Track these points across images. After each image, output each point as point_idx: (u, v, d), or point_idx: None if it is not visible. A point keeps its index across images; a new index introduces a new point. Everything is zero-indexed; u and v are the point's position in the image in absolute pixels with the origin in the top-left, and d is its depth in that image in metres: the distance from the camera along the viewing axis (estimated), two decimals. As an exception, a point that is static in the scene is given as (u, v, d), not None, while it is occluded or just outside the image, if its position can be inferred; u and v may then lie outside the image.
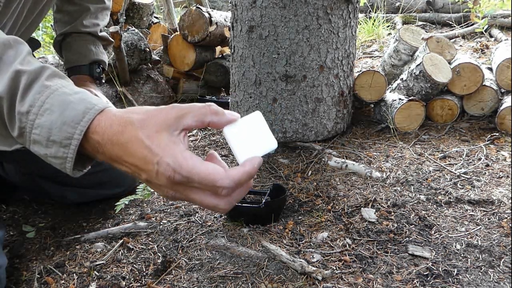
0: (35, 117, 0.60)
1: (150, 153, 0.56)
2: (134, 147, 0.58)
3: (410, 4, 4.22)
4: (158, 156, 0.56)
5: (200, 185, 0.57)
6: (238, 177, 0.58)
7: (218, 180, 0.56)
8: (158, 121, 0.58)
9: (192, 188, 0.58)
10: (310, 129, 1.88)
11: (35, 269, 1.13)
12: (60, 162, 0.62)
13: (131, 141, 0.58)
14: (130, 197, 1.29)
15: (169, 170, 0.56)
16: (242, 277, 1.06)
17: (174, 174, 0.56)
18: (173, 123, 0.58)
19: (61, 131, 0.59)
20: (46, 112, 0.60)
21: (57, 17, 1.48)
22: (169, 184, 0.57)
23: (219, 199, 0.60)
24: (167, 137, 0.57)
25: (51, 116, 0.60)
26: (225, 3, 5.87)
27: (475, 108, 2.08)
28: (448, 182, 1.52)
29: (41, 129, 0.60)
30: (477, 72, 2.00)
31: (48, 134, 0.60)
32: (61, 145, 0.60)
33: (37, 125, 0.60)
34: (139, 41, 2.45)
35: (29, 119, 0.60)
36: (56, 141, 0.60)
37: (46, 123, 0.60)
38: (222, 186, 0.57)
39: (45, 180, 1.42)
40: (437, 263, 1.09)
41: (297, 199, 1.43)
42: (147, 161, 0.57)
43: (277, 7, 1.73)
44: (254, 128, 0.62)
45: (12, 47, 0.65)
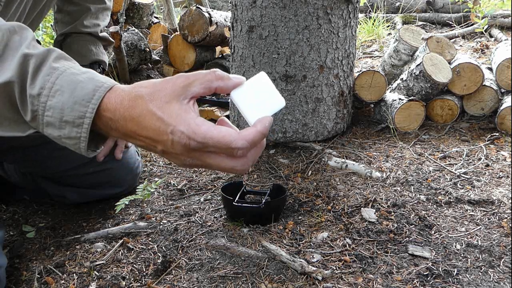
0: (47, 99, 0.60)
1: (163, 124, 0.58)
2: (147, 120, 0.58)
3: (410, 4, 4.22)
4: (171, 125, 0.57)
5: (215, 148, 0.58)
6: (252, 137, 0.59)
7: (232, 142, 0.57)
8: (167, 92, 0.59)
9: (208, 153, 0.59)
10: (310, 129, 1.88)
11: (35, 269, 1.13)
12: (74, 142, 0.62)
13: (143, 114, 0.59)
14: (130, 197, 1.30)
15: (184, 137, 0.57)
16: (242, 277, 1.06)
17: (189, 141, 0.57)
18: (182, 92, 0.59)
19: (73, 110, 0.60)
20: (57, 93, 0.60)
21: (58, 17, 1.48)
22: (186, 152, 0.59)
23: (236, 161, 0.61)
24: (177, 106, 0.58)
25: (62, 96, 0.60)
26: (225, 3, 5.87)
27: (475, 108, 2.08)
28: (448, 182, 1.52)
29: (53, 110, 0.60)
30: (477, 72, 2.00)
31: (60, 115, 0.61)
32: (74, 124, 0.60)
33: (49, 107, 0.61)
34: (139, 41, 2.45)
35: (41, 101, 0.61)
36: (68, 121, 0.60)
37: (58, 104, 0.60)
38: (237, 147, 0.58)
39: (45, 180, 1.42)
40: (437, 263, 1.09)
41: (297, 199, 1.43)
42: (161, 132, 0.58)
43: (277, 7, 1.73)
44: (261, 89, 0.62)
45: (17, 32, 0.65)
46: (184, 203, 1.45)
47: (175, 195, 1.51)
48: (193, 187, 1.56)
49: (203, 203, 1.45)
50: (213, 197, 1.48)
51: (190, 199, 1.49)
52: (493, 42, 3.21)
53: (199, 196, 1.50)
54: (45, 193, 1.47)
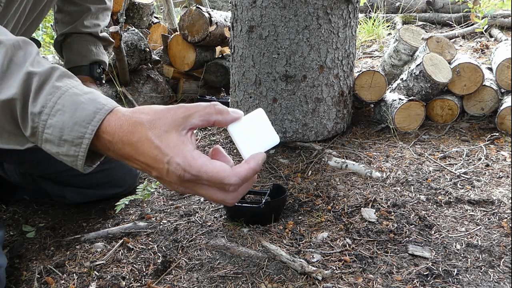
0: (47, 117, 0.62)
1: (161, 153, 0.59)
2: (145, 146, 0.60)
3: (410, 4, 4.22)
4: (168, 156, 0.59)
5: (208, 182, 0.61)
6: (244, 174, 0.61)
7: (225, 178, 0.60)
8: (167, 121, 0.60)
9: (201, 185, 0.62)
10: (310, 129, 1.88)
11: (35, 269, 1.13)
12: (72, 160, 0.64)
13: (142, 141, 0.60)
14: (130, 197, 1.29)
15: (179, 169, 0.59)
16: (242, 277, 1.06)
17: (184, 173, 0.59)
18: (181, 123, 0.61)
19: (72, 130, 0.62)
20: (58, 113, 0.62)
21: (58, 17, 1.48)
22: (179, 182, 0.61)
23: (226, 194, 0.63)
24: (176, 137, 0.60)
25: (63, 116, 0.62)
26: (225, 3, 5.87)
27: (475, 108, 2.08)
28: (448, 182, 1.52)
29: (53, 129, 0.62)
30: (477, 72, 2.00)
31: (60, 134, 0.62)
32: (73, 144, 0.62)
33: (49, 125, 0.62)
34: (139, 41, 2.45)
35: (41, 119, 0.62)
36: (68, 140, 0.62)
37: (58, 123, 0.62)
38: (230, 183, 0.60)
39: (45, 180, 1.42)
40: (437, 263, 1.09)
41: (297, 199, 1.43)
42: (158, 160, 0.60)
43: (277, 7, 1.73)
44: (257, 125, 0.65)
45: (22, 48, 0.66)
46: (184, 203, 1.45)
47: (175, 195, 1.51)
48: (193, 187, 1.56)
49: (203, 203, 1.45)
50: (213, 197, 1.48)
51: (190, 199, 1.49)
52: (493, 42, 3.21)
53: (199, 196, 1.50)
54: (45, 193, 1.47)
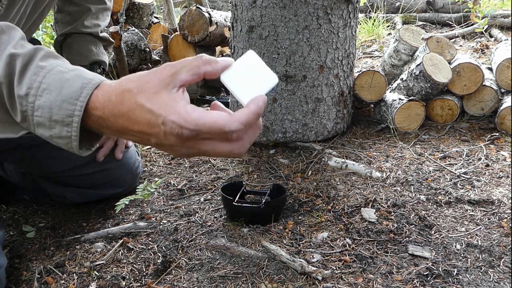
0: (34, 98, 0.60)
1: (153, 116, 0.56)
2: (137, 113, 0.57)
3: (410, 4, 4.22)
4: (161, 116, 0.56)
5: (209, 135, 0.57)
6: (245, 118, 0.57)
7: (225, 125, 0.56)
8: (155, 83, 0.57)
9: (202, 140, 0.58)
10: (310, 129, 1.88)
11: (35, 269, 1.13)
12: (66, 142, 0.61)
13: (132, 108, 0.57)
14: (130, 197, 1.30)
15: (176, 127, 0.56)
16: (242, 277, 1.06)
17: (182, 130, 0.56)
18: (170, 81, 0.58)
19: (61, 109, 0.59)
20: (45, 92, 0.59)
21: (58, 18, 1.48)
22: (179, 142, 0.57)
23: (232, 144, 0.58)
24: (166, 96, 0.57)
25: (50, 95, 0.59)
26: (225, 3, 5.87)
27: (475, 108, 2.08)
28: (448, 182, 1.52)
29: (42, 110, 0.60)
30: (477, 72, 2.00)
31: (49, 114, 0.60)
32: (64, 123, 0.60)
33: (37, 107, 0.60)
34: (139, 41, 2.45)
35: (29, 102, 0.60)
36: (58, 120, 0.60)
37: (46, 103, 0.59)
38: (231, 130, 0.56)
39: (45, 180, 1.42)
40: (437, 263, 1.09)
41: (297, 199, 1.43)
42: (152, 124, 0.57)
43: (277, 7, 1.73)
44: (251, 68, 0.61)
45: (5, 32, 0.64)
46: (184, 203, 1.45)
47: (175, 195, 1.51)
48: (193, 187, 1.56)
49: (203, 203, 1.45)
50: (213, 197, 1.48)
51: (190, 199, 1.49)
52: (493, 42, 3.21)
53: (199, 196, 1.50)
54: (45, 193, 1.47)
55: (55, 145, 0.64)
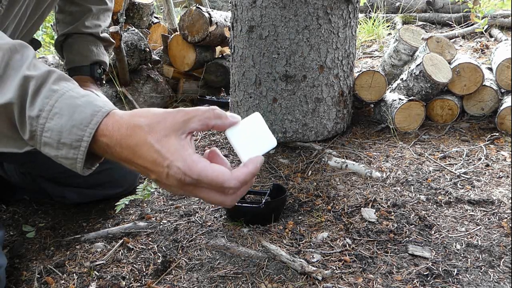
0: (45, 121, 0.63)
1: (160, 157, 0.60)
2: (143, 150, 0.61)
3: (410, 4, 4.22)
4: (168, 160, 0.60)
5: (208, 186, 0.61)
6: (243, 178, 0.62)
7: (225, 182, 0.61)
8: (166, 125, 0.61)
9: (200, 188, 0.62)
10: (310, 129, 1.88)
11: (35, 269, 1.13)
12: (71, 162, 0.65)
13: (140, 144, 0.61)
14: (130, 197, 1.29)
15: (180, 173, 0.59)
16: (242, 277, 1.06)
17: (185, 177, 0.60)
18: (180, 127, 0.61)
19: (70, 133, 0.62)
20: (56, 116, 0.62)
21: (59, 18, 1.48)
22: (179, 185, 0.61)
23: (225, 197, 0.63)
24: (176, 141, 0.61)
25: (61, 119, 0.62)
26: (225, 3, 5.87)
27: (475, 108, 2.08)
28: (448, 182, 1.52)
29: (51, 132, 0.63)
30: (477, 72, 2.00)
31: (58, 137, 0.63)
32: (71, 147, 0.63)
33: (47, 129, 0.63)
34: (139, 41, 2.45)
35: (39, 123, 0.63)
36: (66, 143, 0.63)
37: (56, 127, 0.62)
38: (229, 187, 0.61)
39: (45, 180, 1.42)
40: (437, 263, 1.09)
41: (297, 199, 1.43)
42: (157, 164, 0.60)
43: (277, 7, 1.73)
44: (254, 129, 0.66)
45: (18, 51, 0.66)
46: (184, 203, 1.45)
47: (175, 195, 1.51)
48: (193, 187, 1.56)
49: (203, 203, 1.45)
50: (213, 197, 1.48)
51: (190, 199, 1.49)
52: (493, 42, 3.21)
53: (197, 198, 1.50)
54: (45, 193, 1.47)
55: None
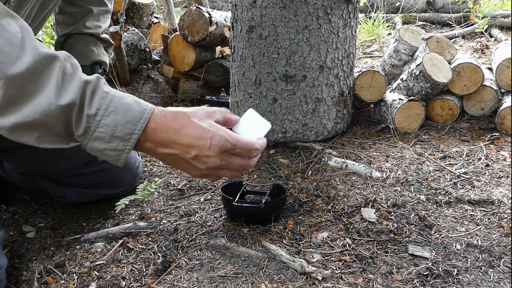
0: (101, 118, 0.75)
1: (204, 131, 0.78)
2: (188, 128, 0.78)
3: (410, 4, 4.22)
4: (211, 132, 0.78)
5: (241, 150, 0.81)
6: (262, 142, 0.86)
7: (254, 144, 0.83)
8: (201, 113, 0.81)
9: (233, 155, 0.81)
10: (310, 129, 1.88)
11: (35, 269, 1.13)
12: (117, 154, 0.78)
13: (185, 124, 0.78)
14: (130, 197, 1.29)
15: (222, 140, 0.78)
16: (242, 277, 1.06)
17: (226, 143, 0.78)
18: (210, 115, 0.82)
19: (125, 128, 0.76)
20: (112, 114, 0.75)
21: (59, 19, 1.48)
22: (219, 153, 0.78)
23: (249, 160, 0.84)
24: (211, 122, 0.80)
25: (116, 116, 0.76)
26: (225, 3, 5.87)
27: (475, 108, 2.08)
28: (448, 182, 1.52)
29: (107, 127, 0.76)
30: (477, 72, 2.00)
31: (112, 131, 0.76)
32: (123, 139, 0.76)
33: (102, 124, 0.75)
34: (139, 41, 2.45)
35: (96, 120, 0.75)
36: (119, 136, 0.76)
37: (112, 122, 0.75)
38: (256, 148, 0.83)
39: (45, 180, 1.42)
40: (437, 263, 1.09)
41: (297, 199, 1.43)
42: (202, 137, 0.78)
43: (277, 7, 1.73)
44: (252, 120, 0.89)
45: (68, 60, 0.78)
46: (184, 203, 1.45)
47: (175, 195, 1.51)
48: (193, 187, 1.56)
49: (203, 203, 1.45)
50: (213, 197, 1.48)
51: (190, 199, 1.49)
52: (493, 42, 3.21)
53: (199, 196, 1.50)
54: (45, 193, 1.47)
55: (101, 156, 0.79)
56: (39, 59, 0.74)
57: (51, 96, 0.73)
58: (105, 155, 0.78)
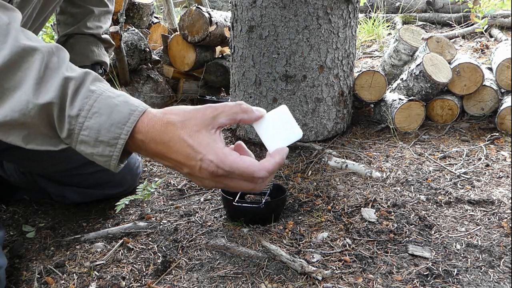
0: (84, 120, 0.66)
1: (193, 151, 0.64)
2: (177, 145, 0.65)
3: (410, 4, 4.22)
4: (201, 154, 0.64)
5: (239, 176, 0.66)
6: (271, 168, 0.67)
7: (255, 172, 0.66)
8: (197, 122, 0.65)
9: (232, 178, 0.67)
10: (310, 129, 1.88)
11: (35, 269, 1.13)
12: (105, 159, 0.68)
13: (174, 140, 0.65)
14: (130, 197, 1.29)
15: (212, 166, 0.64)
16: (242, 277, 1.06)
17: (217, 169, 0.64)
18: (210, 122, 0.65)
19: (109, 132, 0.66)
20: (95, 115, 0.66)
21: (60, 19, 1.48)
22: (211, 177, 0.66)
23: (255, 184, 0.69)
24: (207, 136, 0.65)
25: (100, 118, 0.65)
26: (225, 3, 5.88)
27: (475, 108, 2.08)
28: (448, 182, 1.52)
29: (90, 130, 0.66)
30: (477, 72, 2.00)
31: (96, 135, 0.66)
32: (108, 144, 0.66)
33: (85, 127, 0.66)
34: (139, 41, 2.45)
35: (78, 122, 0.66)
36: (103, 141, 0.66)
37: (95, 125, 0.66)
38: (259, 176, 0.66)
39: (45, 180, 1.42)
40: (437, 263, 1.09)
41: (297, 199, 1.43)
42: (190, 158, 0.65)
43: (277, 7, 1.73)
44: (281, 121, 0.70)
45: (55, 54, 0.69)
46: (184, 203, 1.45)
47: (175, 195, 1.51)
48: (193, 187, 1.56)
49: (203, 203, 1.45)
50: (213, 197, 1.48)
51: (190, 199, 1.49)
52: (493, 42, 3.21)
53: (199, 196, 1.50)
54: (45, 193, 1.47)
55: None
56: (17, 51, 0.66)
57: (29, 94, 0.65)
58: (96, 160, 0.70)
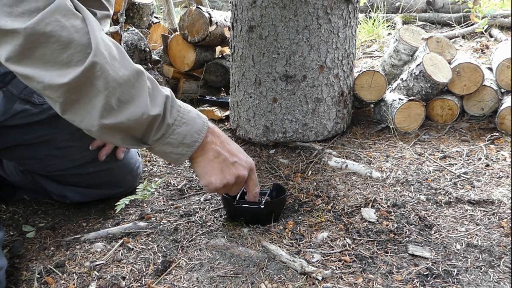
0: (176, 127, 0.95)
1: (243, 153, 1.12)
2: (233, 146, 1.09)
3: (410, 4, 4.22)
4: (248, 157, 1.13)
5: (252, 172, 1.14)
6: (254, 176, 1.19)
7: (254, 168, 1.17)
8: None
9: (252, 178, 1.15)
10: (310, 129, 1.88)
11: (35, 269, 1.13)
12: (179, 157, 0.98)
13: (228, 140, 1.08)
14: (130, 197, 1.30)
15: (250, 163, 1.13)
16: (242, 277, 1.06)
17: (251, 165, 1.13)
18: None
19: (192, 136, 0.97)
20: (184, 124, 0.96)
21: None
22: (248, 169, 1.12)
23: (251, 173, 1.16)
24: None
25: (187, 127, 0.96)
26: (225, 3, 5.88)
27: (475, 108, 2.08)
28: (448, 182, 1.52)
29: (179, 135, 0.95)
30: (477, 72, 2.00)
31: (182, 139, 0.96)
32: (188, 146, 0.97)
33: (176, 133, 0.95)
34: (139, 41, 2.45)
35: (171, 128, 0.94)
36: (186, 143, 0.97)
37: (183, 131, 0.96)
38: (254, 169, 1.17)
39: (45, 180, 1.42)
40: (437, 263, 1.09)
41: (297, 199, 1.43)
42: (241, 152, 1.11)
43: (277, 7, 1.73)
44: None
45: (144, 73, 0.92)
46: (184, 203, 1.45)
47: (175, 195, 1.51)
48: (193, 187, 1.56)
49: (203, 203, 1.45)
50: (213, 197, 1.48)
51: (190, 199, 1.49)
52: (493, 42, 3.21)
53: (199, 196, 1.50)
54: (45, 193, 1.47)
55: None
56: (133, 73, 0.88)
57: (145, 107, 0.88)
58: (167, 157, 0.97)
